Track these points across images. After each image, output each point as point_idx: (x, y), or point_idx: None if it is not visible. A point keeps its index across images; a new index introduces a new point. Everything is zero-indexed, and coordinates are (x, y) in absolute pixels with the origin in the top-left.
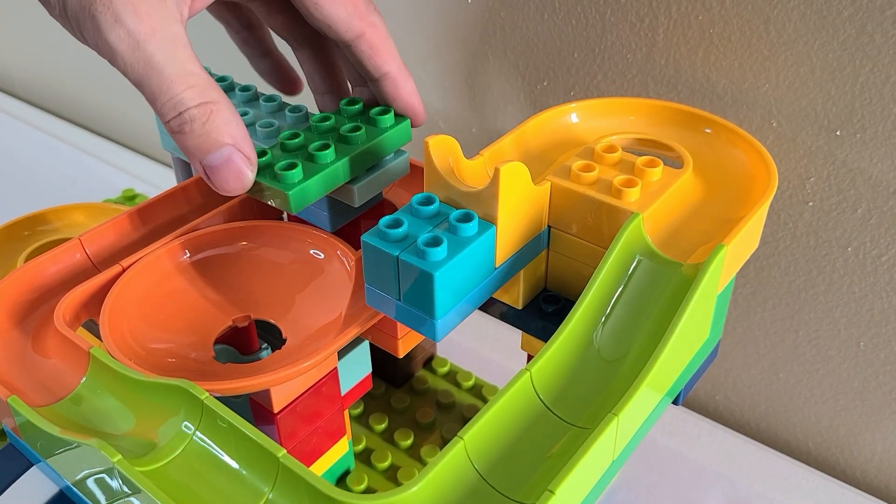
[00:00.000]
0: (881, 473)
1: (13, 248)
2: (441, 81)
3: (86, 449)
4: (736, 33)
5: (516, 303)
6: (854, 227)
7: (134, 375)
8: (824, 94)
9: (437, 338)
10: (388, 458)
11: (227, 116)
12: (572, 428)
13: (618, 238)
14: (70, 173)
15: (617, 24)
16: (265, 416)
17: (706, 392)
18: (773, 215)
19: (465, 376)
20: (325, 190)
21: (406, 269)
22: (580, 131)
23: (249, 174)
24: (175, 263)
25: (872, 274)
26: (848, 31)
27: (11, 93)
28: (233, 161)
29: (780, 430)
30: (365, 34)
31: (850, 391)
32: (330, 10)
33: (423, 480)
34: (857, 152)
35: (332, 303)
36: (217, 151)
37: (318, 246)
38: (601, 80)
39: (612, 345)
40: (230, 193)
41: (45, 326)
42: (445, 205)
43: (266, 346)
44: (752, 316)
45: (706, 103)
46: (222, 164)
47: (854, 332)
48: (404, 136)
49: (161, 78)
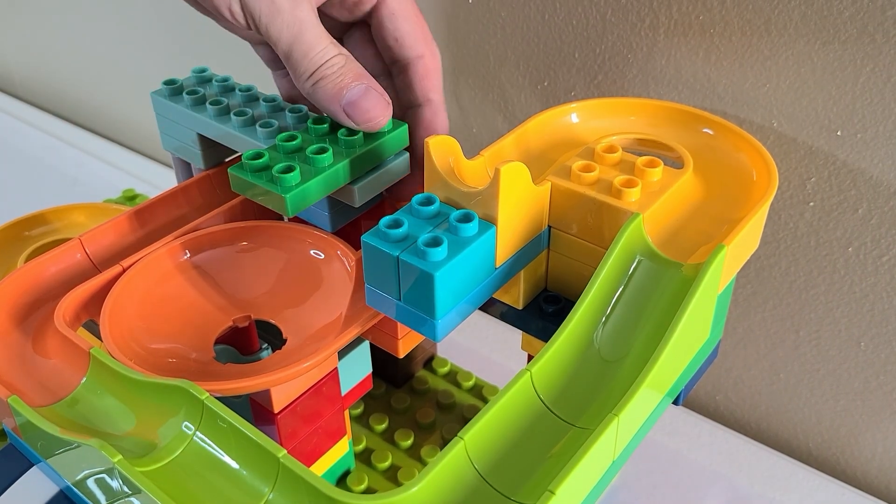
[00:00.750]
0: (882, 474)
1: (13, 248)
2: (442, 81)
3: (86, 449)
4: (737, 33)
5: (517, 303)
6: (855, 228)
7: (134, 376)
8: (825, 95)
9: (438, 338)
10: (389, 459)
11: (356, 65)
12: (572, 428)
13: (618, 238)
14: (70, 174)
15: (618, 24)
16: (265, 417)
17: (707, 392)
18: (773, 215)
19: (465, 376)
20: (321, 193)
21: (406, 269)
22: (580, 131)
23: (384, 102)
24: (175, 264)
25: (873, 274)
26: (849, 31)
27: (12, 93)
28: (371, 91)
29: (780, 431)
30: (424, 57)
31: (851, 391)
32: (402, 25)
33: (423, 481)
34: (858, 152)
35: (333, 303)
36: (354, 87)
37: (318, 246)
38: (602, 80)
39: (612, 345)
40: (373, 123)
41: (46, 327)
42: (446, 205)
43: (266, 346)
44: (753, 316)
45: (707, 103)
46: (361, 97)
47: (855, 333)
48: (401, 140)
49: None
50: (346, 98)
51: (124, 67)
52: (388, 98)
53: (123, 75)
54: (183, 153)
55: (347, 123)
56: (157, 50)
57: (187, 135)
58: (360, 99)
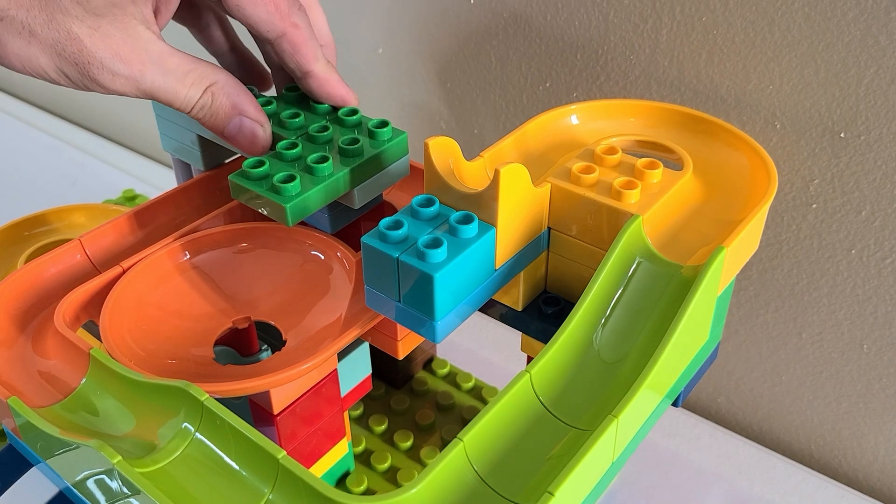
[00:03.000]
0: (884, 476)
1: (14, 249)
2: (443, 82)
3: (86, 450)
4: (740, 35)
5: (516, 304)
6: (858, 230)
7: (134, 376)
8: (828, 96)
9: (437, 339)
10: (388, 460)
11: (227, 91)
12: (572, 429)
13: (618, 240)
14: (70, 174)
15: (620, 25)
16: (265, 418)
17: (708, 394)
18: (776, 217)
19: (464, 378)
20: (321, 203)
21: (406, 270)
22: (580, 133)
23: (261, 133)
24: (175, 265)
25: (876, 276)
26: (853, 32)
27: (12, 93)
28: (244, 126)
29: (782, 433)
30: (286, 34)
31: (854, 394)
32: (251, 11)
33: (422, 482)
34: (862, 154)
35: (332, 304)
36: (229, 124)
37: (318, 247)
38: (604, 81)
39: (611, 346)
40: (252, 153)
41: (46, 327)
42: (445, 206)
43: (266, 347)
44: (755, 318)
45: (710, 105)
46: (237, 132)
47: (857, 335)
48: (401, 150)
49: (167, 93)
50: (225, 134)
51: None
52: (264, 118)
53: None
54: (183, 154)
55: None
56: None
57: (187, 136)
58: (237, 135)
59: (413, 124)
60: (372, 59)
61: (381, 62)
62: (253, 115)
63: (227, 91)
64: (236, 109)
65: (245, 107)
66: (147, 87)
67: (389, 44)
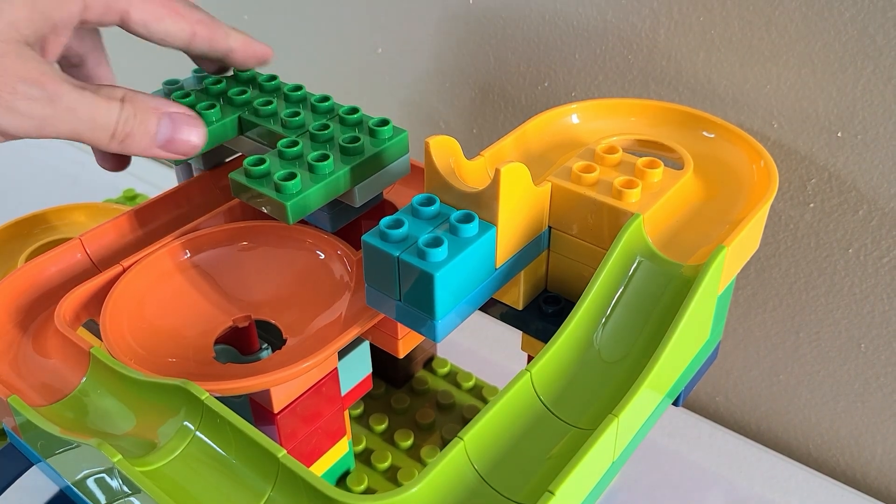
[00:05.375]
0: (882, 475)
1: (14, 247)
2: (443, 82)
3: (86, 449)
4: (737, 34)
5: (517, 303)
6: (855, 229)
7: (134, 375)
8: (826, 96)
9: (438, 338)
10: (388, 459)
11: (140, 99)
12: (572, 429)
13: (618, 239)
14: (71, 173)
15: (618, 24)
16: (265, 417)
17: (707, 393)
18: (774, 216)
19: (465, 377)
20: (322, 201)
21: (406, 269)
22: (581, 132)
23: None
24: (175, 263)
25: (873, 276)
26: (850, 32)
27: None
28: (177, 120)
29: (780, 432)
30: (196, 33)
31: (851, 393)
32: (158, 28)
33: (423, 481)
34: (859, 154)
35: (333, 303)
36: (162, 126)
37: (318, 246)
38: (602, 80)
39: (612, 346)
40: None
41: (46, 326)
42: (446, 205)
43: (266, 346)
44: (753, 317)
45: (707, 104)
46: (175, 131)
47: (855, 334)
48: (402, 148)
49: (77, 130)
50: (160, 139)
51: (125, 67)
52: (188, 111)
53: (124, 75)
54: None
55: (169, 157)
56: (157, 50)
57: None
58: (175, 133)
59: (413, 124)
60: (372, 59)
61: (381, 62)
62: (175, 109)
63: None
64: (158, 112)
65: (166, 107)
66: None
67: (389, 44)
